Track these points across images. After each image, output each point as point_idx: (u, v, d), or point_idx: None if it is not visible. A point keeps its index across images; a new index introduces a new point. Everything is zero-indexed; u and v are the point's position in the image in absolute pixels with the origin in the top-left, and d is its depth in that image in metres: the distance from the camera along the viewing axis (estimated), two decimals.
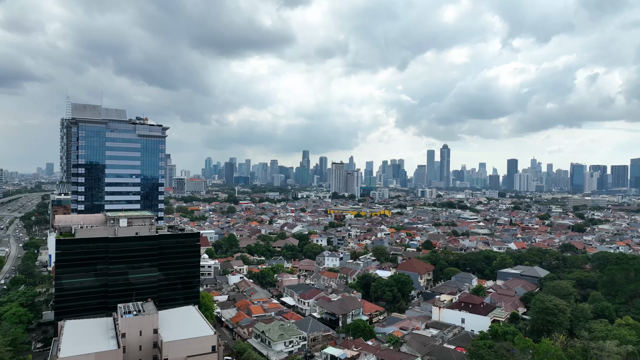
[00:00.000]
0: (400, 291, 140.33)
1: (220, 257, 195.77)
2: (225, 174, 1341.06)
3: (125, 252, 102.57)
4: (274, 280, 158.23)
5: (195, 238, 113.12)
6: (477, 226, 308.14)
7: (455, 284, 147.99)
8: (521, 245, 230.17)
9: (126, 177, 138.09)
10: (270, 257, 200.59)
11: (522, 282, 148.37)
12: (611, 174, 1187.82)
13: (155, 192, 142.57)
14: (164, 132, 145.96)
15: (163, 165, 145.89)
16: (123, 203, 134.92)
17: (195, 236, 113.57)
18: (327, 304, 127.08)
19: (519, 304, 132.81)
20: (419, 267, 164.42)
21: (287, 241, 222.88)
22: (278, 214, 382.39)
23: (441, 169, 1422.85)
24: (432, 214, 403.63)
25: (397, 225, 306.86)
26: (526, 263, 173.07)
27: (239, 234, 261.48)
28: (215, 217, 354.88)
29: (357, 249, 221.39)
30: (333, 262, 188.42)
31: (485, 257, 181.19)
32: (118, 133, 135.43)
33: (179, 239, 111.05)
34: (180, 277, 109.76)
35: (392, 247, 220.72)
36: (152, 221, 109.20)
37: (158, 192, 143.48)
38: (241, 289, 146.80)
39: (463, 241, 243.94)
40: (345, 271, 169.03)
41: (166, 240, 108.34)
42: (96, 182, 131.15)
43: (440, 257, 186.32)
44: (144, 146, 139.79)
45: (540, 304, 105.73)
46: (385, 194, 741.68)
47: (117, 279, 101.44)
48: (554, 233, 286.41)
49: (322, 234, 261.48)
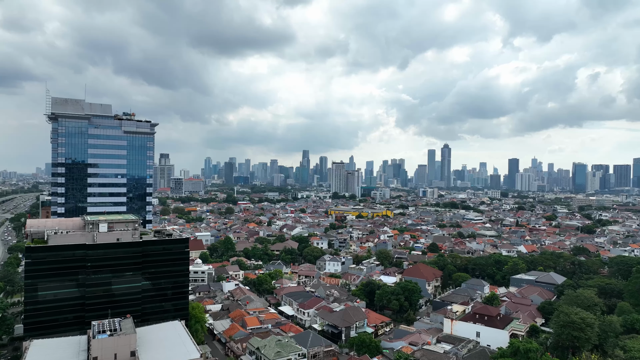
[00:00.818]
0: (407, 300, 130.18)
1: (215, 261, 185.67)
2: (225, 174, 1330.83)
3: (105, 260, 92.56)
4: (272, 288, 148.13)
5: (183, 244, 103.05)
6: (483, 228, 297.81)
7: (466, 291, 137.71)
8: (531, 248, 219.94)
9: (111, 177, 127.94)
10: (268, 261, 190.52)
11: (538, 289, 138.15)
12: (614, 174, 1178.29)
13: (142, 192, 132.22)
14: (153, 129, 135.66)
15: (151, 164, 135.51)
16: (108, 205, 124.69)
17: (184, 242, 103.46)
18: (328, 315, 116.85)
19: (536, 314, 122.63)
20: (426, 273, 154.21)
21: (286, 244, 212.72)
22: (277, 215, 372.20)
23: (442, 168, 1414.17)
24: (436, 215, 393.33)
25: (400, 227, 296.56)
26: (540, 268, 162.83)
27: (236, 236, 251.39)
28: (213, 218, 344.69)
29: (360, 252, 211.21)
30: (334, 267, 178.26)
31: (495, 262, 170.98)
32: (102, 129, 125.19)
33: (166, 246, 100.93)
34: (167, 288, 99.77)
35: (396, 251, 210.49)
36: (136, 225, 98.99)
37: (146, 192, 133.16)
38: (236, 298, 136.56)
39: (470, 244, 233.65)
40: (348, 277, 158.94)
41: (151, 246, 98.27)
42: (78, 183, 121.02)
43: (447, 261, 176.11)
44: (131, 143, 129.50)
45: (564, 317, 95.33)
46: (386, 194, 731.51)
47: (96, 291, 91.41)
48: (563, 235, 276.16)
49: (323, 236, 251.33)
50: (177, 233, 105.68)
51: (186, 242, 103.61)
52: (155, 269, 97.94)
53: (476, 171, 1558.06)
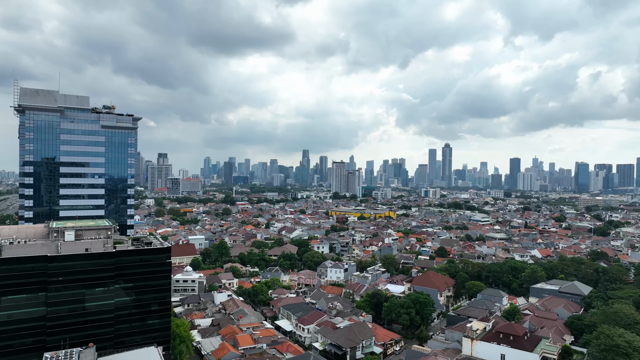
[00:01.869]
0: (419, 314, 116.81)
1: (208, 267, 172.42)
2: (224, 174, 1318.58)
3: (71, 274, 79.12)
4: (268, 298, 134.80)
5: (165, 254, 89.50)
6: (491, 230, 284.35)
7: (483, 303, 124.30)
8: (545, 253, 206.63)
9: (87, 177, 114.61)
10: (265, 267, 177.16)
11: (563, 301, 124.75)
12: (617, 173, 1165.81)
13: (123, 194, 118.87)
14: (135, 123, 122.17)
15: (133, 162, 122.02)
16: (83, 208, 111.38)
17: (165, 252, 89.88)
18: (331, 332, 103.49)
19: (564, 330, 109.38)
20: (437, 282, 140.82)
21: (284, 248, 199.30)
22: (276, 216, 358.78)
23: (443, 168, 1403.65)
24: (441, 216, 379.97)
25: (405, 229, 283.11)
26: (561, 276, 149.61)
27: (232, 239, 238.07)
28: (209, 220, 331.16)
29: (363, 257, 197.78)
30: (337, 274, 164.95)
31: (511, 269, 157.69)
32: (77, 123, 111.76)
33: (144, 256, 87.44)
34: (145, 305, 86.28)
35: (402, 255, 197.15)
36: (109, 233, 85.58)
37: (127, 194, 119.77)
38: (228, 311, 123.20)
39: (480, 247, 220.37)
40: (352, 286, 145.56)
41: (126, 257, 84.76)
42: (49, 183, 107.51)
43: (459, 268, 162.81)
44: (110, 139, 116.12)
45: (606, 339, 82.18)
46: (387, 194, 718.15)
47: (59, 310, 78.00)
48: (576, 237, 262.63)
49: (324, 239, 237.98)
50: (158, 241, 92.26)
51: (167, 251, 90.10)
52: (131, 283, 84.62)
53: (477, 171, 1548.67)
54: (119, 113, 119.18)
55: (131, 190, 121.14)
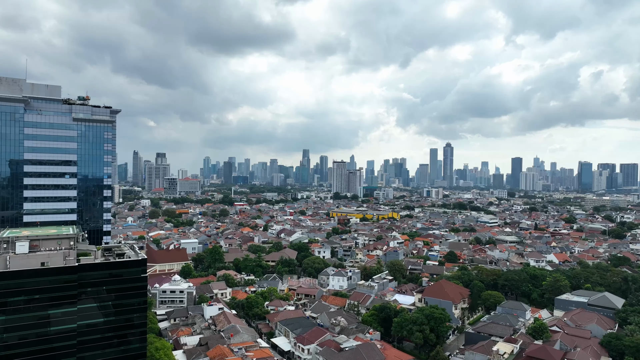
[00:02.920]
0: (433, 331, 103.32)
1: (200, 275, 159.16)
2: (224, 174, 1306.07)
3: (23, 294, 65.92)
4: (264, 312, 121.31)
5: (139, 267, 76.11)
6: (501, 232, 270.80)
7: (504, 318, 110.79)
8: (562, 257, 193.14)
9: (56, 177, 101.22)
10: (262, 274, 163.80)
11: (594, 315, 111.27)
12: (621, 173, 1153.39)
13: (98, 196, 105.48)
14: (113, 116, 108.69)
15: (110, 159, 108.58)
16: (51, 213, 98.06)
17: (140, 264, 76.45)
18: (335, 355, 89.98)
19: (600, 351, 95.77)
20: (452, 293, 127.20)
21: (282, 253, 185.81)
22: (275, 218, 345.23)
23: (444, 167, 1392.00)
24: (446, 217, 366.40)
25: (410, 232, 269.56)
26: (587, 286, 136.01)
27: (228, 242, 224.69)
28: (205, 221, 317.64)
29: (368, 263, 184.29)
30: (340, 283, 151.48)
31: (531, 277, 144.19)
32: (45, 116, 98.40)
33: (114, 270, 74.06)
34: (116, 329, 72.89)
35: (409, 261, 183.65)
36: (72, 243, 72.17)
37: (103, 196, 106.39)
38: (219, 327, 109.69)
39: (491, 252, 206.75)
40: (357, 297, 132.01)
41: (92, 272, 71.47)
42: (10, 184, 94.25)
43: (472, 275, 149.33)
44: (84, 134, 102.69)
45: None
46: (389, 194, 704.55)
47: (9, 338, 64.84)
48: (591, 240, 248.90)
49: (325, 243, 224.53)
50: (132, 251, 78.42)
51: (143, 264, 76.69)
52: (98, 303, 71.40)
53: (478, 170, 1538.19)
54: (95, 105, 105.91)
55: (108, 191, 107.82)
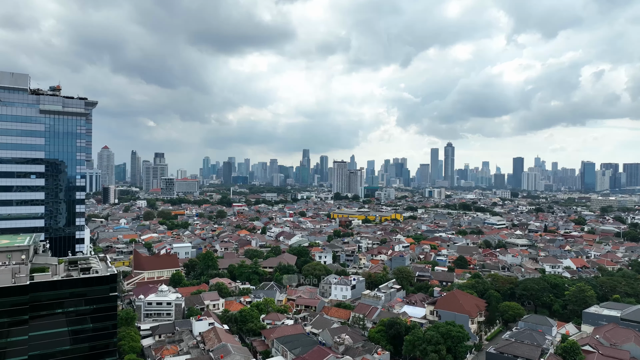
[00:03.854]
0: (450, 351, 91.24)
1: (191, 283, 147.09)
2: (223, 174, 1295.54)
3: None
4: (260, 327, 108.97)
5: (108, 285, 64.05)
6: (511, 235, 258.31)
7: (529, 335, 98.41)
8: (579, 263, 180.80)
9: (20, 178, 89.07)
10: (259, 282, 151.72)
11: (630, 332, 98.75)
12: (624, 172, 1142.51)
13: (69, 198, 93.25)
14: (88, 109, 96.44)
15: (83, 157, 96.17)
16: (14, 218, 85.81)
17: (109, 281, 64.36)
18: None
19: None
20: (467, 305, 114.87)
21: (281, 259, 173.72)
22: (274, 219, 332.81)
23: (445, 167, 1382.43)
24: (451, 219, 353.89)
25: (415, 234, 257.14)
26: (615, 296, 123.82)
27: (223, 246, 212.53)
28: (200, 223, 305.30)
29: (372, 269, 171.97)
30: (343, 293, 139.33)
31: (552, 286, 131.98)
32: (9, 107, 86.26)
33: (76, 289, 61.94)
34: (79, 358, 60.99)
35: (417, 267, 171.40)
36: (23, 257, 60.05)
37: (75, 199, 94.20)
38: (208, 346, 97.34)
39: (503, 256, 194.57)
40: (362, 309, 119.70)
41: (47, 293, 59.38)
42: None
43: (487, 284, 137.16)
44: (52, 128, 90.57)
45: None
46: (391, 194, 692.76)
47: None
48: (605, 243, 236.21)
49: (326, 247, 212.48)
50: (101, 265, 66.16)
51: (112, 280, 64.62)
52: (55, 328, 59.34)
53: (479, 170, 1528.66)
54: (67, 95, 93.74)
55: (81, 193, 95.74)
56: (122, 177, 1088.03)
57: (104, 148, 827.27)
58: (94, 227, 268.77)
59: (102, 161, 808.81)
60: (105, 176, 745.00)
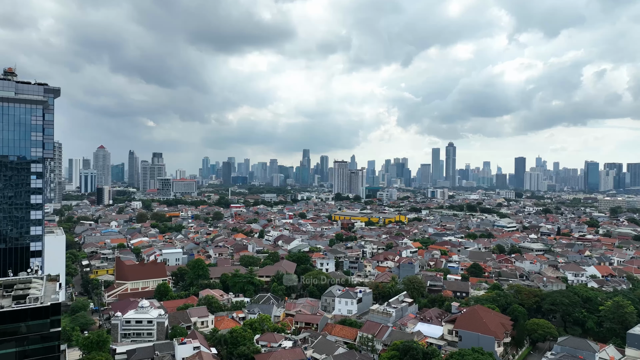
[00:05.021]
0: None
1: (179, 295, 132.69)
2: (223, 174, 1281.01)
3: None
4: (253, 350, 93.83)
5: (48, 319, 49.10)
6: (523, 238, 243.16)
7: None
8: (604, 271, 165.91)
9: None
10: (254, 293, 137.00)
11: None
12: (629, 172, 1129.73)
13: (21, 201, 78.41)
14: (49, 96, 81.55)
15: (40, 153, 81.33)
16: None
17: (49, 313, 49.45)
18: None
19: None
20: (492, 324, 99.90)
21: (279, 267, 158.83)
22: (273, 222, 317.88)
23: (447, 167, 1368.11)
24: (458, 221, 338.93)
25: (422, 238, 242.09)
26: None
27: (218, 252, 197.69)
28: (195, 226, 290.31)
29: (379, 278, 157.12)
30: (348, 307, 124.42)
31: (584, 300, 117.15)
32: None
33: (2, 326, 47.05)
34: None
35: (427, 275, 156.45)
36: None
37: (30, 203, 79.34)
38: None
39: (520, 263, 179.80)
40: (370, 328, 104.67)
41: None
42: None
43: (510, 297, 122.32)
44: (1, 119, 75.61)
45: None
46: (393, 194, 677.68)
47: None
48: (626, 248, 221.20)
49: (328, 252, 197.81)
50: (43, 291, 50.77)
51: (55, 312, 49.70)
52: None
53: (480, 170, 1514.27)
54: (23, 80, 79.14)
55: (37, 197, 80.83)
56: (120, 178, 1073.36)
57: (100, 148, 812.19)
58: (82, 231, 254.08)
59: (98, 161, 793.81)
60: (101, 177, 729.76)
